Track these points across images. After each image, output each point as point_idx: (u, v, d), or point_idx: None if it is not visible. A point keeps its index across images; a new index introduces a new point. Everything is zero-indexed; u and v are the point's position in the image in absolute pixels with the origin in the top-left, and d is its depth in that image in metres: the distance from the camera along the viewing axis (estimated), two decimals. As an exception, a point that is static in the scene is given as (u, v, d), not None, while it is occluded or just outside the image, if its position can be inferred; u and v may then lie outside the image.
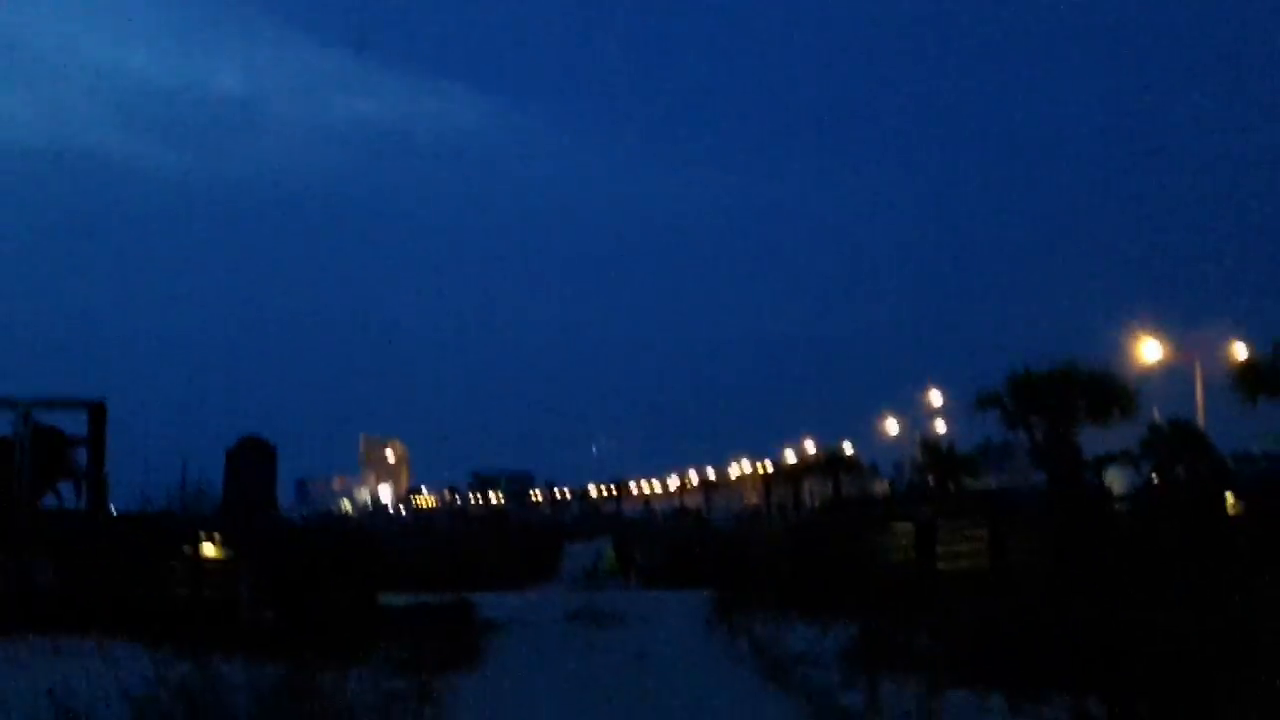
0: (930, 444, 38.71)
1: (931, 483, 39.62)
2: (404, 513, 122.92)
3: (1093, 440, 23.04)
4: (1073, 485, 20.70)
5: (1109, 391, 21.15)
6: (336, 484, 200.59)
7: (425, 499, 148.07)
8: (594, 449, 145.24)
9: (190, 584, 19.57)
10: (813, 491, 75.69)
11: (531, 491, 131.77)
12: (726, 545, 27.45)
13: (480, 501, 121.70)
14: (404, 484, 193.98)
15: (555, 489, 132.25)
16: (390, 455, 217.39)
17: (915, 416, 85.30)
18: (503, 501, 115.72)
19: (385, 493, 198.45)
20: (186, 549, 20.32)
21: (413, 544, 36.58)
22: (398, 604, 19.96)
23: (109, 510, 18.73)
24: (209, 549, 20.29)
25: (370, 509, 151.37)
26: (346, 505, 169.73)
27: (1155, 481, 23.69)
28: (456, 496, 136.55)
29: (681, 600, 20.06)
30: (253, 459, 20.22)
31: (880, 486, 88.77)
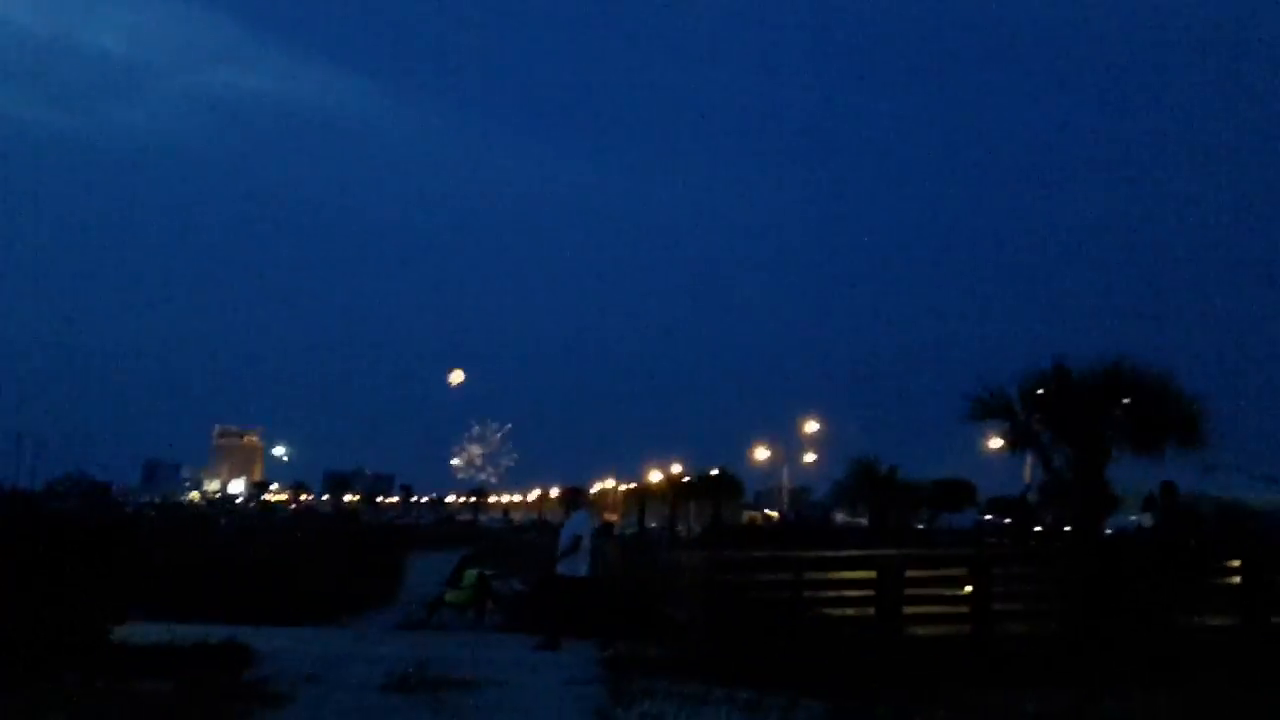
0: (866, 464, 32.18)
1: (838, 515, 33.74)
2: (251, 506, 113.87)
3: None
4: (1092, 527, 15.12)
5: (1169, 409, 15.54)
6: (186, 471, 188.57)
7: (276, 495, 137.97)
8: (453, 458, 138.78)
9: None
10: (687, 515, 70.06)
11: (383, 497, 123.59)
12: (616, 576, 21.06)
13: (331, 500, 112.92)
14: (257, 478, 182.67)
15: (412, 494, 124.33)
16: (244, 448, 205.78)
17: (788, 442, 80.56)
18: (357, 500, 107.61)
19: (237, 486, 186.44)
20: None
21: (219, 547, 29.45)
22: (151, 639, 13.32)
23: None
24: None
25: (219, 500, 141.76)
26: (194, 495, 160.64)
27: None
28: (308, 495, 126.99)
29: (557, 661, 13.65)
30: None
31: (752, 514, 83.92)
